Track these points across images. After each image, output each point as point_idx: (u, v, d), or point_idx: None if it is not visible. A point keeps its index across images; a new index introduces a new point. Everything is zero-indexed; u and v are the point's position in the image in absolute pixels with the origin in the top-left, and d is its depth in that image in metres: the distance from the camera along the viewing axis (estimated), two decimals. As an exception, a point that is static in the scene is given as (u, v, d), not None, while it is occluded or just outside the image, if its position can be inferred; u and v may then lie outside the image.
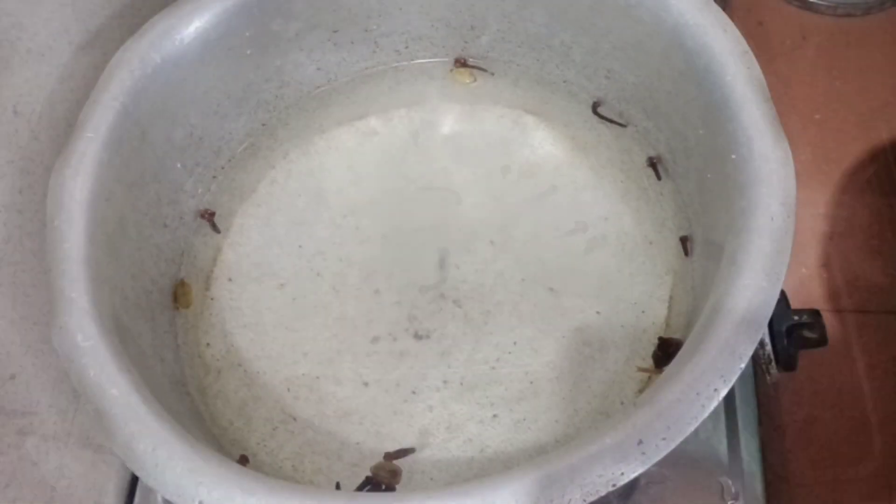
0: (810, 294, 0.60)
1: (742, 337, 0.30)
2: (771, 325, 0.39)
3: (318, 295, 0.42)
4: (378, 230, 0.44)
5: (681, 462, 0.42)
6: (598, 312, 0.41)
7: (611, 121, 0.46)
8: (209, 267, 0.43)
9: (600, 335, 0.40)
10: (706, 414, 0.29)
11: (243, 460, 0.37)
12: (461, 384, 0.39)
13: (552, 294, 0.41)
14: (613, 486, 0.28)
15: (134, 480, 0.43)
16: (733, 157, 0.35)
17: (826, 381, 0.56)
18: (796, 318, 0.39)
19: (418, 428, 0.38)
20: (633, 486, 0.42)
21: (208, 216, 0.44)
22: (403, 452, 0.37)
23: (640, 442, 0.28)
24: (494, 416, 0.38)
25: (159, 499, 0.41)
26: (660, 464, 0.29)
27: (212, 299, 0.43)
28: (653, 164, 0.44)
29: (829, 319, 0.39)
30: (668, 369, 0.31)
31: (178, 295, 0.42)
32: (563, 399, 0.39)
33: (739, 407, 0.44)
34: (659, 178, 0.44)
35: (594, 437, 0.29)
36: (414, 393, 0.39)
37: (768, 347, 0.39)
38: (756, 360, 0.40)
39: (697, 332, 0.32)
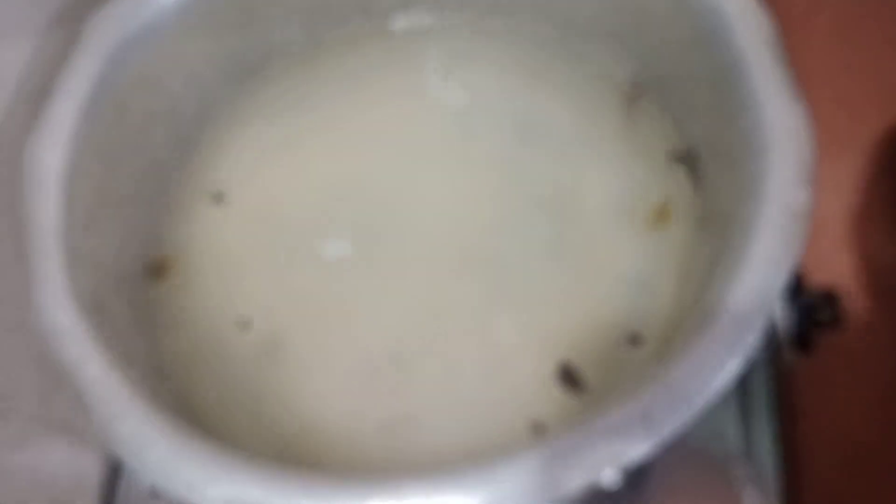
0: (826, 274, 0.59)
1: (753, 313, 0.30)
2: (784, 305, 0.38)
3: (305, 267, 0.41)
4: (369, 203, 0.43)
5: (692, 448, 0.40)
6: (593, 287, 0.40)
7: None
8: (191, 239, 0.42)
9: (597, 308, 0.39)
10: (714, 389, 0.28)
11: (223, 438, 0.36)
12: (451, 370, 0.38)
13: (541, 267, 0.40)
14: (619, 462, 0.27)
15: (118, 464, 0.43)
16: (743, 123, 0.34)
17: (843, 363, 0.55)
18: (811, 298, 0.37)
19: (404, 409, 0.37)
20: (642, 472, 0.42)
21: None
22: None
23: (646, 417, 0.28)
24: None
25: (144, 481, 0.41)
26: (670, 449, 0.28)
27: (193, 272, 0.42)
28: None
29: (845, 300, 0.38)
30: (675, 346, 0.31)
31: (158, 269, 0.41)
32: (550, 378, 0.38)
33: (753, 392, 0.44)
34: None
35: (599, 413, 0.28)
36: (398, 369, 0.38)
37: (782, 329, 0.39)
38: (769, 342, 0.39)
39: (705, 308, 0.31)
